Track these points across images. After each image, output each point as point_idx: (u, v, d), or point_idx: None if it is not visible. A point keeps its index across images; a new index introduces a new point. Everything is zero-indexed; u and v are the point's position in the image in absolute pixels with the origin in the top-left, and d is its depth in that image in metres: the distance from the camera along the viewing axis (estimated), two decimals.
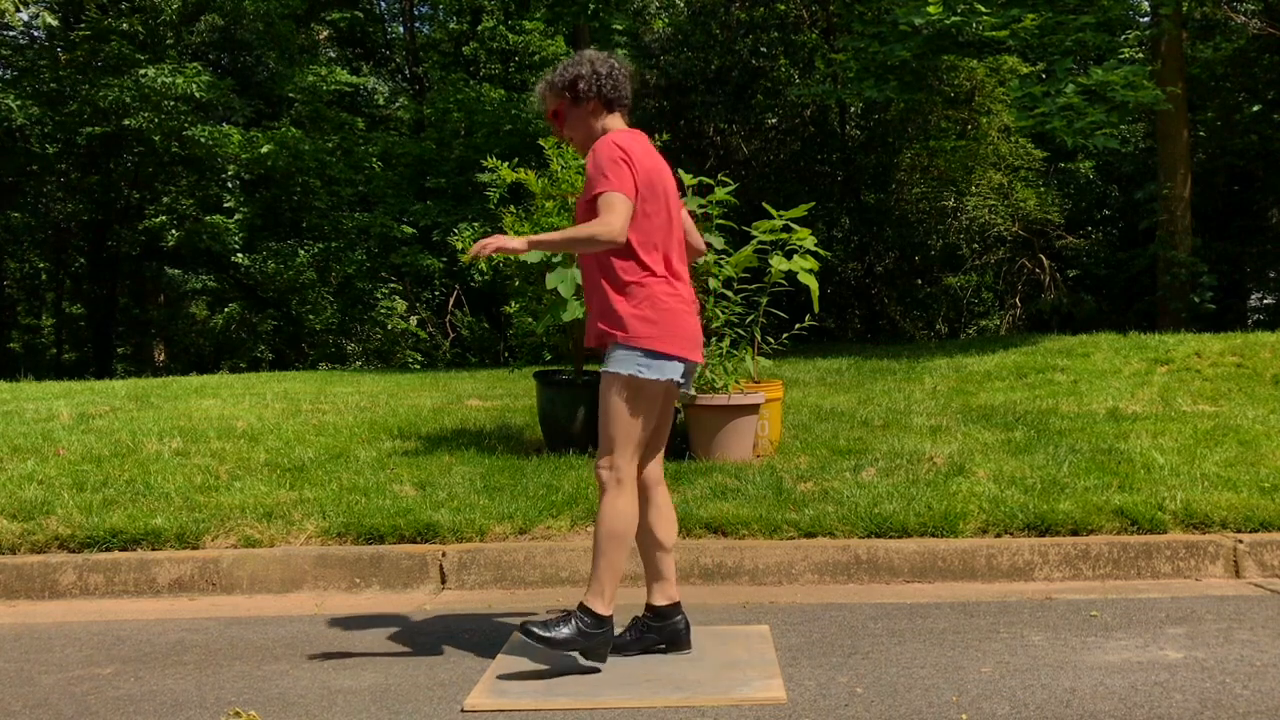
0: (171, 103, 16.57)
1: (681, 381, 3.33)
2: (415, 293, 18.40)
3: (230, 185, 18.24)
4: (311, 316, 18.47)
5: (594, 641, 3.23)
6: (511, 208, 6.76)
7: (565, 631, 3.19)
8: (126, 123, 16.65)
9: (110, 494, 5.14)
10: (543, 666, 3.32)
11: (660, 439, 3.46)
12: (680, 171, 5.34)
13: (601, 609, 3.22)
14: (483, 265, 6.25)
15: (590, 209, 3.23)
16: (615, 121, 3.38)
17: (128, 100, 16.39)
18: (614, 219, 3.13)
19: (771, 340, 6.35)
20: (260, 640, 3.76)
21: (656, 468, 3.44)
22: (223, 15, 19.11)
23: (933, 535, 4.48)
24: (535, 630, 3.18)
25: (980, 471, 5.23)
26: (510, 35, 18.68)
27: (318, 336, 18.83)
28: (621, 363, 3.22)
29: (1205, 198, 16.03)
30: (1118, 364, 8.51)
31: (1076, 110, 10.59)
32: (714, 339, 5.80)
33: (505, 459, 5.77)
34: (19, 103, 16.67)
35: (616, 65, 3.37)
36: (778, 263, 5.81)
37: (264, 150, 16.39)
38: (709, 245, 5.62)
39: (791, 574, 4.36)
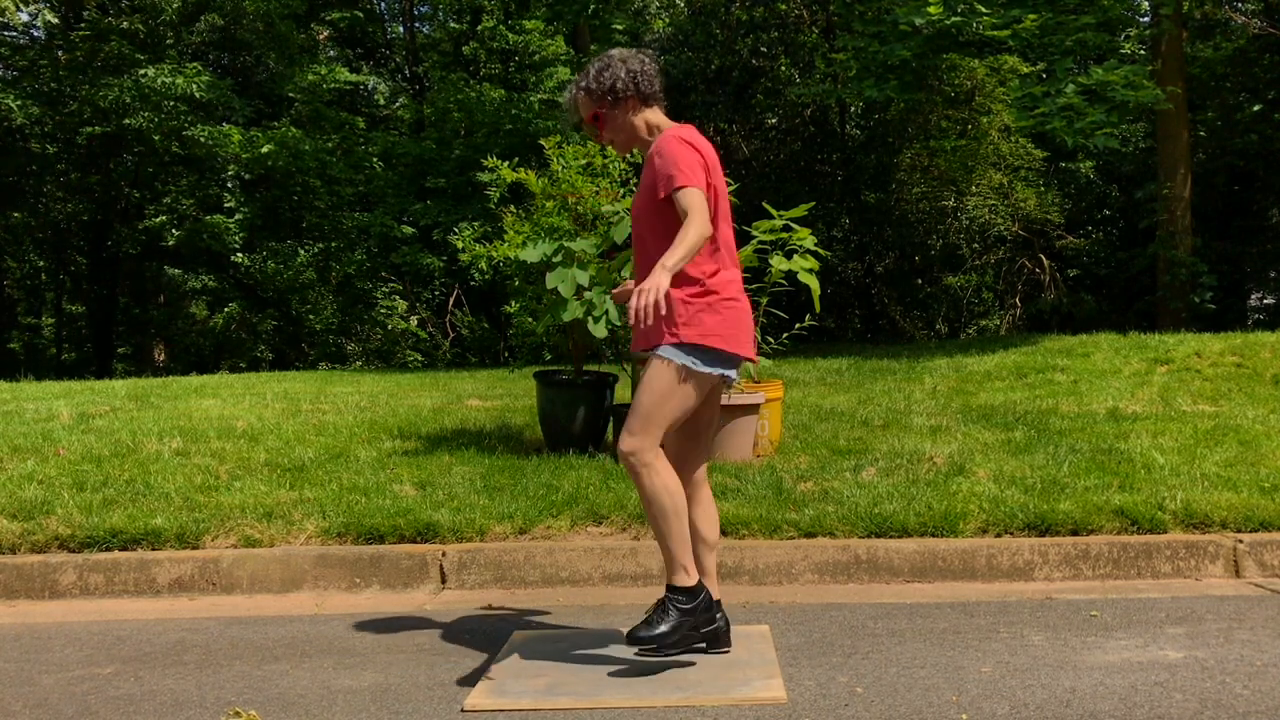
0: (171, 103, 16.57)
1: (732, 377, 3.28)
2: (415, 292, 18.40)
3: (230, 185, 18.24)
4: (311, 316, 18.49)
5: (697, 614, 3.24)
6: (511, 207, 6.77)
7: (668, 621, 3.19)
8: (126, 123, 16.65)
9: (110, 494, 5.14)
10: (543, 666, 3.32)
11: (706, 441, 3.42)
12: None
13: (686, 580, 3.22)
14: (483, 265, 6.25)
15: (655, 205, 3.21)
16: (656, 115, 3.36)
17: (128, 100, 16.39)
18: (699, 217, 3.08)
19: (771, 340, 6.35)
20: (260, 640, 3.76)
21: (702, 466, 3.42)
22: (223, 15, 19.11)
23: (933, 535, 4.48)
24: (641, 634, 3.18)
25: (980, 471, 5.23)
26: (510, 35, 18.67)
27: (318, 336, 18.85)
28: (675, 354, 3.17)
29: (1205, 198, 16.04)
30: (1118, 364, 8.51)
31: (1076, 110, 10.59)
32: None
33: (505, 459, 5.77)
34: (19, 103, 16.67)
35: (646, 60, 3.36)
36: (778, 262, 5.81)
37: (264, 150, 16.40)
38: None
39: (791, 574, 4.36)
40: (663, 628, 3.19)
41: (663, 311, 2.98)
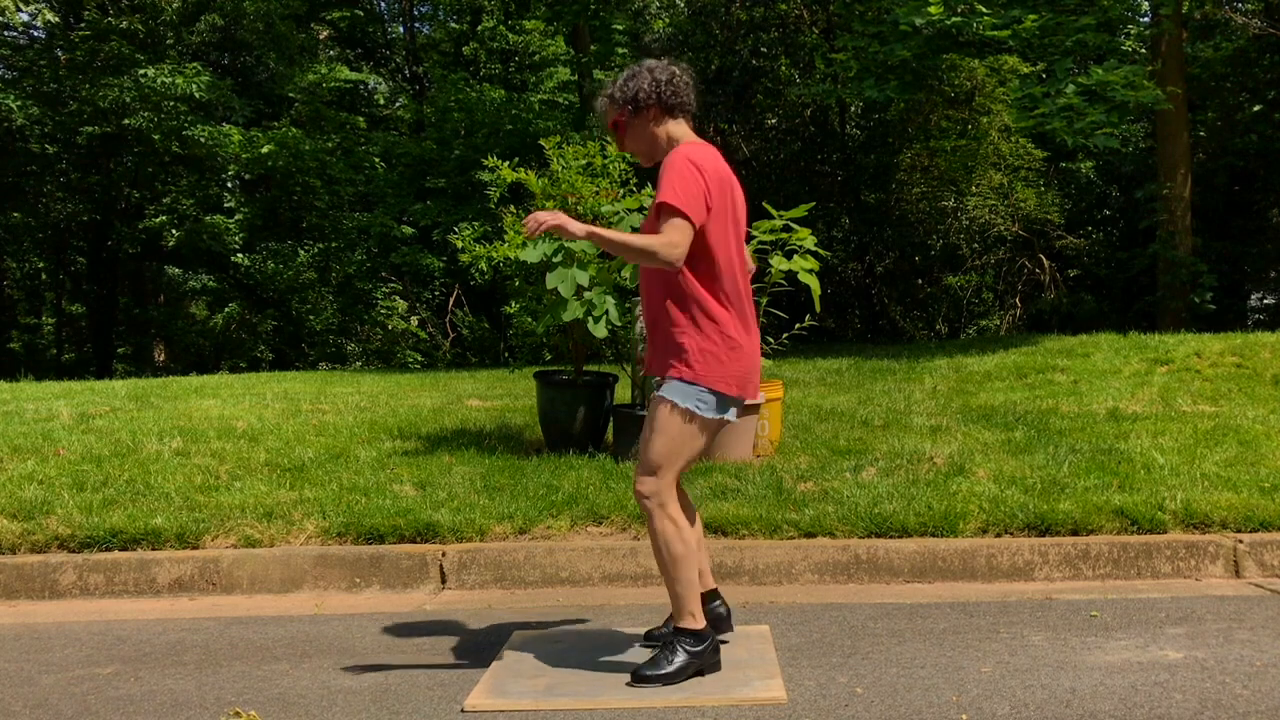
0: (171, 103, 16.58)
1: (733, 420, 3.26)
2: (415, 292, 18.40)
3: (230, 185, 18.25)
4: (311, 316, 18.47)
5: (704, 657, 3.22)
6: (511, 207, 6.76)
7: (676, 662, 3.17)
8: (126, 123, 16.65)
9: (110, 494, 5.14)
10: (543, 666, 3.32)
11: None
12: None
13: (695, 625, 3.21)
14: (483, 265, 6.24)
15: (656, 220, 3.17)
16: (679, 128, 3.29)
17: (128, 100, 16.39)
18: (678, 240, 3.05)
19: (771, 340, 6.35)
20: (260, 640, 3.76)
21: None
22: (223, 15, 19.11)
23: (933, 535, 4.48)
24: (648, 673, 3.16)
25: (980, 471, 5.23)
26: (510, 35, 18.68)
27: (318, 336, 18.83)
28: (681, 394, 3.15)
29: (1205, 198, 16.02)
30: (1118, 364, 8.50)
31: (1076, 110, 10.58)
32: None
33: (505, 459, 5.77)
34: (19, 103, 16.67)
35: (677, 72, 3.30)
36: (778, 262, 5.81)
37: (264, 150, 16.40)
38: None
39: (791, 574, 4.36)
40: (668, 669, 3.18)
41: (544, 225, 3.07)
